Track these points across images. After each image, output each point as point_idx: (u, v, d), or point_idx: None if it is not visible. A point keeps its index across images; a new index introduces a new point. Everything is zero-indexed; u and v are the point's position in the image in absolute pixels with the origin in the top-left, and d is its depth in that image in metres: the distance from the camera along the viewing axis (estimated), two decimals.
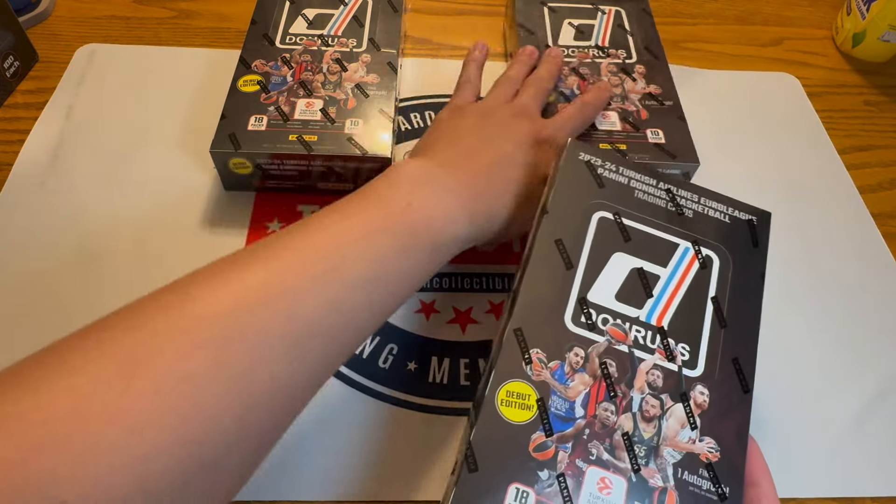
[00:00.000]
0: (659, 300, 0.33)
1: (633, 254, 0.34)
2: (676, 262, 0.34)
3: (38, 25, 0.59)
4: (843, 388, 0.42)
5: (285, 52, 0.50)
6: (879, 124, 0.59)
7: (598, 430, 0.29)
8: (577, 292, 0.32)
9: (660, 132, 0.47)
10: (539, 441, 0.28)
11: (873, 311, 0.46)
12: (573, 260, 0.33)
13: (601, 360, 0.31)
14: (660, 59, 0.52)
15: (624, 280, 0.33)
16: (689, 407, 0.30)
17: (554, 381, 0.30)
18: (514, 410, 0.29)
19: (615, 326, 0.32)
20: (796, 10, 0.70)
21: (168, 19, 0.61)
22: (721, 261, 0.34)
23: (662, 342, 0.31)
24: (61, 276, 0.43)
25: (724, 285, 0.33)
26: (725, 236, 0.35)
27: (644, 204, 0.35)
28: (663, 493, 0.28)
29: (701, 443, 0.29)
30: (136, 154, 0.50)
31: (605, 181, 0.35)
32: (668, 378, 0.31)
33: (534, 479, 0.27)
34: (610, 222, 0.34)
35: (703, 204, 0.36)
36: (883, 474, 0.39)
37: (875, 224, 0.51)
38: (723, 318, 0.32)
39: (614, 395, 0.30)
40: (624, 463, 0.28)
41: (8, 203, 0.46)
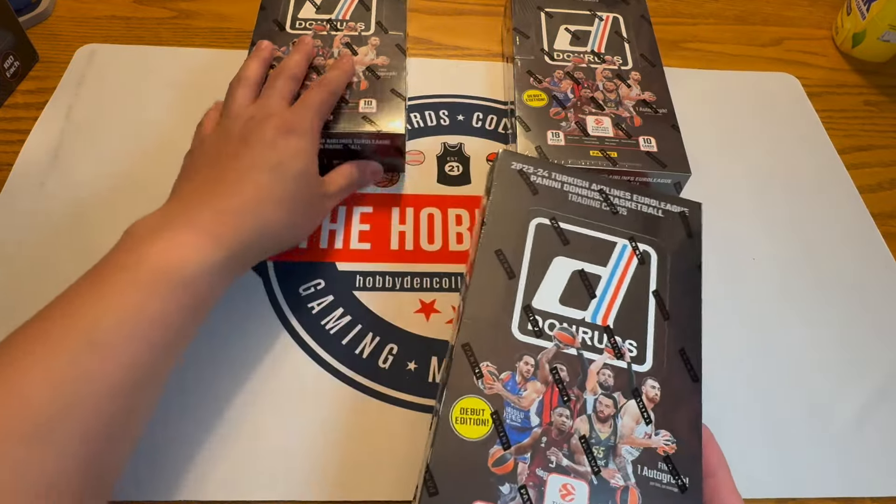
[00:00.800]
0: (602, 300, 0.33)
1: (573, 256, 0.34)
2: (616, 261, 0.34)
3: (38, 25, 0.59)
4: (843, 388, 0.42)
5: (295, 37, 0.50)
6: (879, 124, 0.59)
7: (555, 436, 0.29)
8: (522, 301, 0.32)
9: (652, 140, 0.47)
10: (497, 455, 0.28)
11: (873, 311, 0.46)
12: (515, 269, 0.33)
13: (551, 365, 0.31)
14: (656, 67, 0.52)
15: (566, 283, 0.33)
16: (642, 402, 0.30)
17: (507, 392, 0.30)
18: (470, 427, 0.29)
19: (562, 331, 0.32)
20: (796, 10, 0.70)
21: (168, 19, 0.61)
22: (658, 255, 0.35)
23: (610, 341, 0.32)
24: (61, 276, 0.43)
25: (663, 278, 0.34)
26: (660, 230, 0.36)
27: (579, 206, 0.36)
28: (625, 492, 0.28)
29: (657, 436, 0.29)
30: (135, 154, 0.50)
31: (539, 188, 0.36)
32: (618, 376, 0.31)
33: (496, 495, 0.27)
34: (547, 227, 0.35)
35: (635, 201, 0.36)
36: (883, 474, 0.39)
37: (875, 224, 0.51)
38: (666, 311, 0.33)
39: (568, 400, 0.30)
40: (584, 466, 0.29)
41: (8, 203, 0.46)
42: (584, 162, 0.45)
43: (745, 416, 0.40)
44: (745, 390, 0.41)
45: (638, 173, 0.46)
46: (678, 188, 0.47)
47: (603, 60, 0.52)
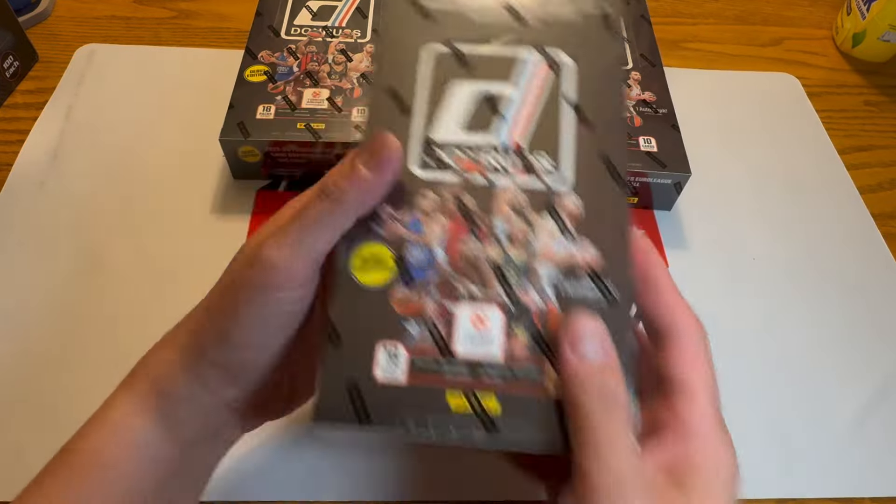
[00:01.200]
0: (512, 118, 0.30)
1: (476, 77, 0.31)
2: (525, 74, 0.31)
3: (38, 25, 0.59)
4: (843, 387, 0.42)
5: (291, 43, 0.51)
6: (879, 124, 0.59)
7: (463, 267, 0.27)
8: (421, 135, 0.29)
9: (652, 140, 0.47)
10: (402, 295, 0.26)
11: (873, 311, 0.46)
12: (408, 102, 0.30)
13: (456, 196, 0.29)
14: (656, 67, 0.52)
15: (470, 108, 0.30)
16: (560, 218, 0.28)
17: (409, 232, 0.28)
18: (372, 273, 0.27)
19: (467, 158, 0.29)
20: (796, 10, 0.70)
21: (168, 19, 0.61)
22: (576, 62, 0.31)
23: (521, 160, 0.29)
24: (61, 276, 0.43)
25: (583, 86, 0.31)
26: (579, 34, 0.32)
27: (481, 25, 0.32)
28: (546, 313, 0.26)
29: (579, 251, 0.27)
30: (135, 154, 0.50)
31: (432, 12, 0.32)
32: (532, 196, 0.28)
33: (401, 333, 0.26)
34: (445, 52, 0.31)
35: (546, 9, 0.32)
36: (883, 474, 0.39)
37: (875, 224, 0.51)
38: (587, 119, 0.30)
39: (476, 228, 0.28)
40: (497, 293, 0.26)
41: (8, 203, 0.46)
42: None
43: (745, 415, 0.40)
44: (745, 390, 0.41)
45: (638, 173, 0.46)
46: (678, 188, 0.47)
47: None
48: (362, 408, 0.25)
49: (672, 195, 0.48)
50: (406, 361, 0.25)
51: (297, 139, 0.45)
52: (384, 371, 0.25)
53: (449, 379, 0.25)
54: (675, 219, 0.49)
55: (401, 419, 0.25)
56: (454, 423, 0.25)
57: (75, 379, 0.39)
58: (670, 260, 0.47)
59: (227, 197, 0.48)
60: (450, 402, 0.25)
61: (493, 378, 0.25)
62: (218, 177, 0.49)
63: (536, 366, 0.25)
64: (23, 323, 0.41)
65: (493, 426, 0.25)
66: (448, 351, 0.26)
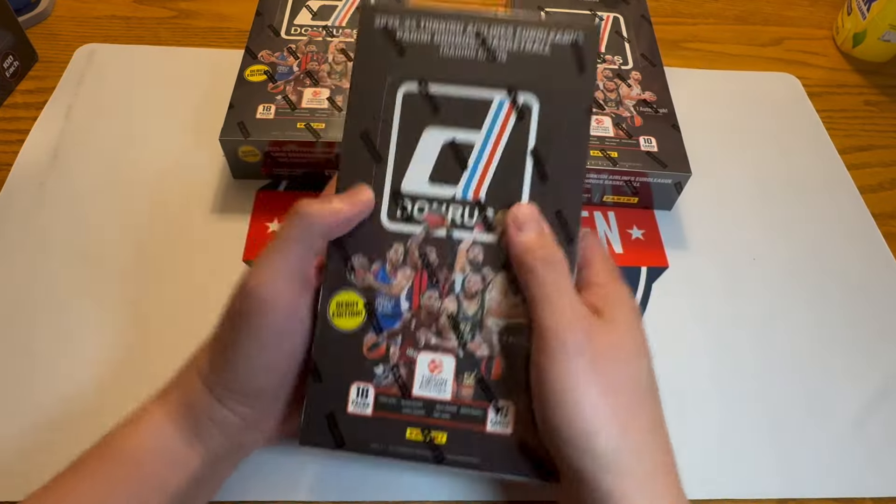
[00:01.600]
0: (475, 171, 0.31)
1: (444, 124, 0.31)
2: (491, 121, 0.31)
3: (38, 25, 0.59)
4: (843, 387, 0.42)
5: (291, 42, 0.50)
6: (879, 124, 0.59)
7: (424, 318, 0.31)
8: (390, 186, 0.31)
9: (652, 140, 0.47)
10: (371, 342, 0.30)
11: (873, 311, 0.46)
12: (382, 152, 0.31)
13: (420, 250, 0.31)
14: (657, 67, 0.52)
15: (437, 158, 0.31)
16: (511, 276, 0.31)
17: (377, 282, 0.31)
18: (346, 319, 0.31)
19: (432, 213, 0.31)
20: (796, 10, 0.70)
21: (168, 19, 0.61)
22: (542, 104, 0.31)
23: (481, 216, 0.31)
24: (61, 276, 0.43)
25: (545, 133, 0.31)
26: (546, 71, 0.31)
27: (452, 61, 0.31)
28: (490, 360, 0.30)
29: (525, 307, 0.30)
30: (135, 154, 0.50)
31: (406, 46, 0.32)
32: (488, 251, 0.31)
33: (371, 376, 0.30)
34: (416, 95, 0.31)
35: (518, 39, 0.31)
36: (883, 474, 0.39)
37: (875, 224, 0.51)
38: (543, 172, 0.31)
39: (437, 282, 0.31)
40: (451, 342, 0.30)
41: (8, 203, 0.46)
42: None
43: (745, 415, 0.40)
44: (745, 390, 0.41)
45: (638, 173, 0.46)
46: (678, 188, 0.47)
47: (603, 60, 0.52)
48: (338, 435, 0.30)
49: (672, 195, 0.48)
50: (373, 398, 0.30)
51: (298, 139, 0.44)
52: (355, 406, 0.30)
53: (407, 415, 0.30)
54: (675, 219, 0.49)
55: (367, 445, 0.30)
56: (410, 448, 0.30)
57: (75, 378, 0.39)
58: (670, 260, 0.47)
59: (227, 197, 0.48)
60: (408, 433, 0.30)
61: (443, 415, 0.30)
62: (218, 177, 0.49)
63: (479, 407, 0.30)
64: (23, 323, 0.41)
65: (440, 453, 0.30)
66: (408, 392, 0.30)
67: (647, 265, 0.47)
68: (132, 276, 0.43)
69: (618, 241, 0.48)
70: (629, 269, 0.46)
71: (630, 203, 0.49)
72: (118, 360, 0.40)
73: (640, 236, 0.48)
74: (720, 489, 0.38)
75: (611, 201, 0.49)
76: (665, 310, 0.44)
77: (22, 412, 0.37)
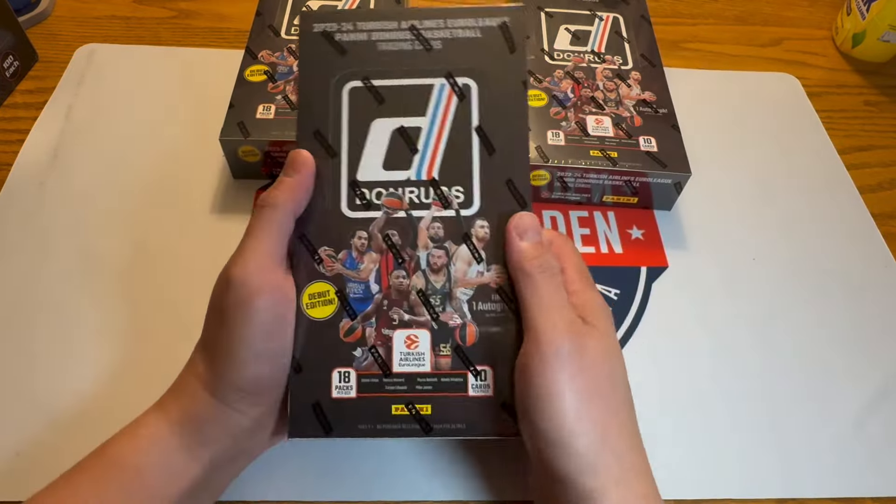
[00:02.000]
0: (425, 153, 0.33)
1: (391, 115, 0.33)
2: (434, 106, 0.33)
3: (38, 25, 0.59)
4: (843, 388, 0.42)
5: (291, 42, 0.51)
6: (879, 124, 0.59)
7: (394, 298, 0.32)
8: (347, 177, 0.33)
9: (652, 140, 0.47)
10: (347, 326, 0.31)
11: (873, 311, 0.46)
12: (335, 146, 0.33)
13: (383, 233, 0.32)
14: (656, 67, 0.52)
15: (388, 146, 0.33)
16: (472, 244, 0.32)
17: (346, 269, 0.32)
18: (319, 309, 0.31)
19: (390, 196, 0.33)
20: (796, 10, 0.70)
21: (168, 19, 0.61)
22: (479, 84, 0.33)
23: (436, 193, 0.33)
24: (61, 276, 0.43)
25: (486, 110, 0.33)
26: (480, 54, 0.34)
27: (390, 55, 0.34)
28: (463, 328, 0.31)
29: (489, 272, 0.32)
30: (135, 154, 0.50)
31: (347, 46, 0.34)
32: (448, 225, 0.32)
33: (350, 359, 0.31)
34: (361, 90, 0.33)
35: (450, 27, 0.34)
36: (883, 474, 0.39)
37: (875, 224, 0.51)
38: (490, 145, 0.33)
39: (402, 261, 0.32)
40: (424, 316, 0.32)
41: (8, 203, 0.46)
42: (584, 162, 0.45)
43: (745, 415, 0.40)
44: (745, 390, 0.41)
45: (638, 173, 0.46)
46: (678, 188, 0.47)
47: (603, 60, 0.52)
48: (325, 422, 0.31)
49: (672, 195, 0.48)
50: (355, 380, 0.31)
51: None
52: (339, 391, 0.31)
53: (390, 392, 0.31)
54: (675, 219, 0.49)
55: (356, 427, 0.31)
56: (397, 424, 0.31)
57: (75, 378, 0.39)
58: (670, 260, 0.47)
59: (227, 197, 0.48)
60: (393, 410, 0.31)
61: (425, 387, 0.31)
62: (218, 177, 0.49)
63: (458, 374, 0.31)
64: (22, 323, 0.41)
65: (427, 424, 0.31)
66: (388, 370, 0.31)
67: (647, 265, 0.47)
68: (132, 276, 0.43)
69: (617, 241, 0.48)
70: (629, 269, 0.46)
71: (630, 203, 0.49)
72: (118, 360, 0.40)
73: (640, 236, 0.48)
74: (720, 489, 0.38)
75: (610, 201, 0.49)
76: (665, 310, 0.44)
77: (22, 412, 0.37)
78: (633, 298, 0.45)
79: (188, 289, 0.43)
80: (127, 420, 0.30)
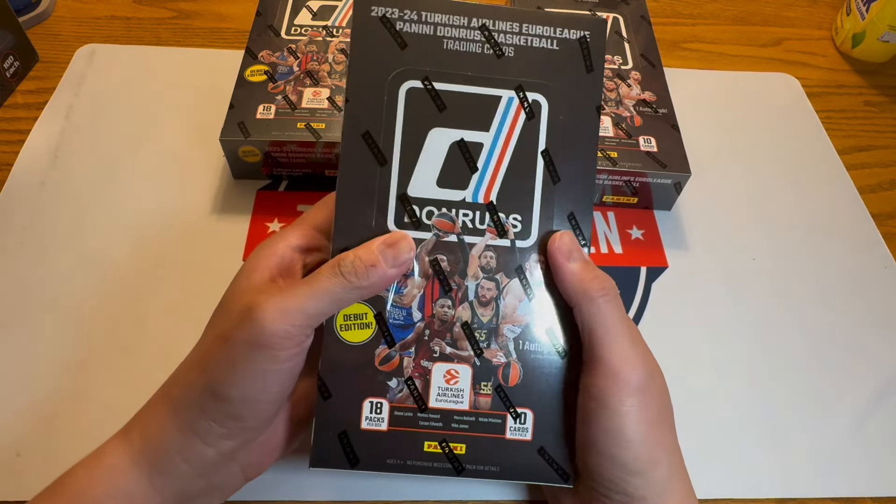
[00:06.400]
0: (485, 173, 0.30)
1: (451, 125, 0.30)
2: (500, 121, 0.30)
3: (38, 25, 0.59)
4: (843, 388, 0.42)
5: (291, 42, 0.51)
6: (879, 125, 0.59)
7: (437, 328, 0.30)
8: (396, 190, 0.29)
9: (652, 140, 0.47)
10: (383, 354, 0.29)
11: (873, 311, 0.46)
12: (386, 153, 0.29)
13: (431, 257, 0.30)
14: (656, 67, 0.52)
15: (444, 160, 0.30)
16: (526, 279, 0.30)
17: (387, 292, 0.29)
18: (355, 332, 0.29)
19: (441, 217, 0.30)
20: (796, 10, 0.70)
21: (168, 19, 0.61)
22: (550, 102, 0.30)
23: (492, 219, 0.30)
24: (62, 276, 0.43)
25: (555, 133, 0.30)
26: (555, 69, 0.30)
27: (457, 55, 0.30)
28: (507, 367, 0.30)
29: (540, 313, 0.30)
30: (135, 154, 0.50)
31: (408, 38, 0.30)
32: (501, 256, 0.30)
33: (384, 390, 0.29)
34: (420, 92, 0.30)
35: (525, 33, 0.30)
36: (883, 474, 0.39)
37: (875, 224, 0.51)
38: (555, 173, 0.30)
39: (449, 290, 0.30)
40: (466, 351, 0.30)
41: (8, 203, 0.46)
42: None
43: (745, 415, 0.40)
44: (745, 390, 0.41)
45: (638, 173, 0.46)
46: (678, 188, 0.47)
47: None
48: (352, 453, 0.29)
49: (672, 195, 0.48)
50: (388, 413, 0.29)
51: (298, 139, 0.45)
52: (369, 422, 0.29)
53: (424, 427, 0.29)
54: (675, 219, 0.49)
55: (384, 462, 0.29)
56: (428, 462, 0.29)
57: (75, 378, 0.39)
58: (670, 260, 0.47)
59: (227, 197, 0.48)
60: (425, 447, 0.29)
61: (461, 425, 0.29)
62: (218, 177, 0.49)
63: (497, 415, 0.29)
64: (22, 322, 0.41)
65: (459, 464, 0.29)
66: (424, 404, 0.29)
67: (647, 265, 0.47)
68: (132, 276, 0.43)
69: (617, 242, 0.48)
70: (629, 270, 0.46)
71: (630, 203, 0.49)
72: (117, 360, 0.40)
73: (640, 236, 0.48)
74: (720, 489, 0.38)
75: (610, 201, 0.49)
76: (665, 310, 0.44)
77: (21, 412, 0.37)
78: (633, 298, 0.45)
79: (188, 289, 0.43)
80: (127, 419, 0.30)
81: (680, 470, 0.29)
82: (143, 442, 0.28)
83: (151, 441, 0.28)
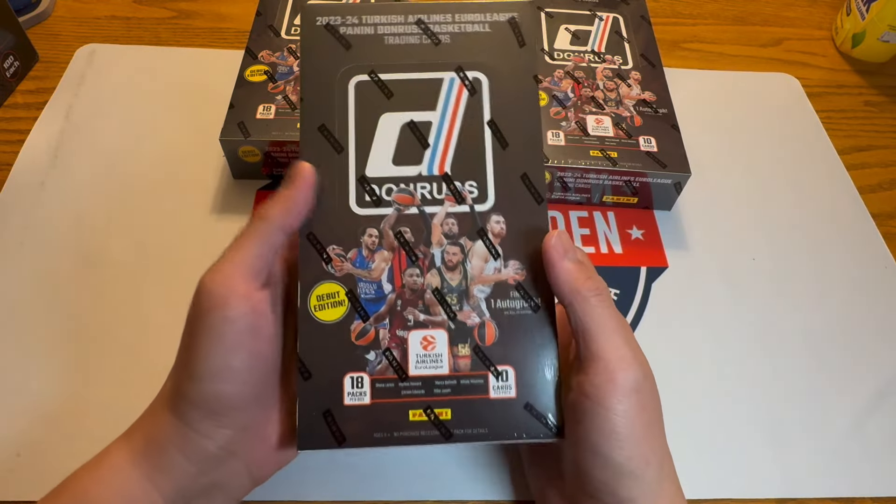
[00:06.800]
0: (436, 147, 0.32)
1: (400, 109, 0.32)
2: (445, 100, 0.33)
3: (38, 25, 0.59)
4: (843, 388, 0.42)
5: (291, 42, 0.51)
6: (879, 125, 0.59)
7: (408, 297, 0.31)
8: (355, 173, 0.32)
9: (652, 140, 0.47)
10: (359, 329, 0.30)
11: (873, 312, 0.46)
12: (342, 141, 0.32)
13: (395, 230, 0.31)
14: (656, 67, 0.52)
15: (397, 141, 0.32)
16: (489, 240, 0.31)
17: (356, 269, 0.31)
18: (328, 311, 0.30)
19: (401, 192, 0.32)
20: (796, 10, 0.70)
21: (168, 19, 0.61)
22: (490, 78, 0.33)
23: (449, 188, 0.32)
24: (61, 275, 0.43)
25: (498, 104, 0.32)
26: (490, 48, 0.33)
27: (398, 49, 0.33)
28: (482, 327, 0.30)
29: (507, 268, 0.31)
30: (135, 154, 0.50)
31: (352, 39, 0.33)
32: (462, 221, 0.31)
33: (363, 364, 0.30)
34: (368, 84, 0.32)
35: (458, 21, 0.33)
36: (883, 474, 0.39)
37: (875, 224, 0.51)
38: (503, 139, 0.32)
39: (416, 259, 0.31)
40: (440, 316, 0.30)
41: (8, 203, 0.46)
42: (583, 162, 0.45)
43: (745, 415, 0.40)
44: (745, 390, 0.41)
45: (638, 173, 0.46)
46: (678, 188, 0.47)
47: (603, 60, 0.52)
48: (338, 431, 0.29)
49: (672, 195, 0.48)
50: (369, 386, 0.30)
51: (298, 139, 0.45)
52: (351, 397, 0.29)
53: (407, 396, 0.29)
54: (675, 219, 0.49)
55: (371, 436, 0.29)
56: (415, 431, 0.29)
57: (75, 378, 0.39)
58: (670, 260, 0.47)
59: (227, 197, 0.48)
60: (411, 416, 0.29)
61: (444, 390, 0.30)
62: (218, 177, 0.49)
63: (479, 375, 0.30)
64: (23, 323, 0.41)
65: (447, 430, 0.29)
66: (404, 373, 0.30)
67: (647, 265, 0.47)
68: (132, 276, 0.43)
69: (617, 242, 0.48)
70: (629, 270, 0.46)
71: (630, 203, 0.49)
72: (118, 360, 0.40)
73: (640, 236, 0.48)
74: (720, 489, 0.38)
75: (610, 201, 0.49)
76: (665, 310, 0.44)
77: (22, 413, 0.37)
78: (633, 298, 0.45)
79: (188, 289, 0.43)
80: (127, 421, 0.30)
81: (670, 471, 0.29)
82: (144, 441, 0.28)
83: (151, 440, 0.28)
